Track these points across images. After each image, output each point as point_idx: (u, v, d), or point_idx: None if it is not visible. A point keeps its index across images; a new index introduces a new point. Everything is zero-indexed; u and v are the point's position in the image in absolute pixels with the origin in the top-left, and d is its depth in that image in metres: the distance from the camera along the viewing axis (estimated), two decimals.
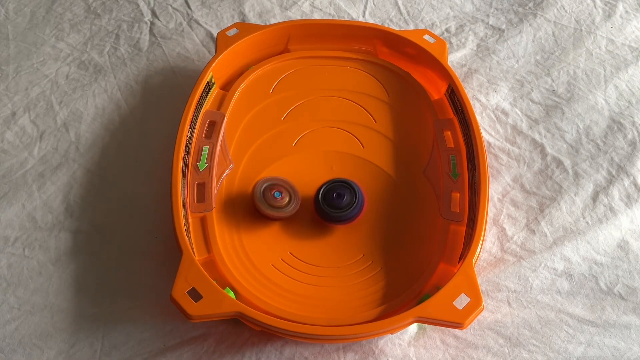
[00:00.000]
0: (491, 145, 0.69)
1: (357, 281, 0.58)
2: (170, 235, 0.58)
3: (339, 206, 0.59)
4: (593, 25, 0.80)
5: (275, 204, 0.60)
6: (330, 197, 0.60)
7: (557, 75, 0.75)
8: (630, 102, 0.73)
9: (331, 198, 0.60)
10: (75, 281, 0.60)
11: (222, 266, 0.58)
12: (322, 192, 0.60)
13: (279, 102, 0.68)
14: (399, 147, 0.66)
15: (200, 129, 0.65)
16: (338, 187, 0.60)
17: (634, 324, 0.58)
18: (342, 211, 0.59)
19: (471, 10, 0.82)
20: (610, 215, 0.64)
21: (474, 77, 0.75)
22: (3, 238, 0.63)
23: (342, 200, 0.59)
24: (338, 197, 0.60)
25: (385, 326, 0.53)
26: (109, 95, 0.73)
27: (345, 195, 0.60)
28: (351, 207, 0.59)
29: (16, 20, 0.80)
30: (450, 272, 0.57)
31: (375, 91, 0.69)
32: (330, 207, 0.59)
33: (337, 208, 0.59)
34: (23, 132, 0.70)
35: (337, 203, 0.59)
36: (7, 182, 0.66)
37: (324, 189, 0.60)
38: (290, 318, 0.54)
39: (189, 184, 0.62)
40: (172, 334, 0.57)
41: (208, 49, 0.77)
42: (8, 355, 0.56)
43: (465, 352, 0.57)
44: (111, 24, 0.80)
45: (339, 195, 0.60)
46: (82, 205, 0.65)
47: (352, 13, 0.81)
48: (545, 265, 0.61)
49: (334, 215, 0.59)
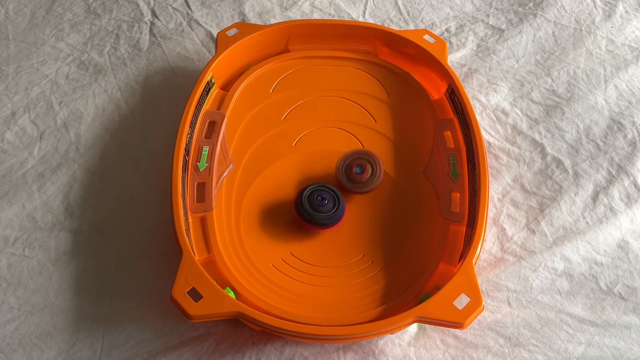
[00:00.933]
0: (491, 145, 0.69)
1: (357, 281, 0.58)
2: (170, 235, 0.58)
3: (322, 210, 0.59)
4: (593, 25, 0.80)
5: (361, 179, 0.61)
6: (314, 201, 0.59)
7: (557, 75, 0.75)
8: (630, 102, 0.73)
9: (314, 201, 0.59)
10: (75, 281, 0.60)
11: (222, 266, 0.58)
12: (305, 195, 0.60)
13: (279, 102, 0.68)
14: (399, 147, 0.66)
15: (200, 129, 0.65)
16: (321, 192, 0.60)
17: (634, 324, 0.58)
18: (325, 214, 0.59)
19: (471, 10, 0.82)
20: (610, 215, 0.64)
21: (474, 77, 0.75)
22: (3, 238, 0.63)
23: (325, 204, 0.59)
24: (322, 200, 0.59)
25: (385, 326, 0.52)
26: (109, 95, 0.73)
27: (328, 199, 0.60)
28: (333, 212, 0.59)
29: (16, 20, 0.80)
30: (450, 272, 0.57)
31: (375, 91, 0.69)
32: (313, 210, 0.59)
33: (320, 212, 0.59)
34: (23, 132, 0.70)
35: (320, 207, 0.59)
36: (7, 182, 0.66)
37: (306, 192, 0.60)
38: (290, 318, 0.54)
39: (189, 184, 0.62)
40: (172, 334, 0.57)
41: (208, 49, 0.77)
42: (8, 355, 0.56)
43: (465, 352, 0.57)
44: (111, 24, 0.80)
45: (322, 198, 0.60)
46: (82, 205, 0.65)
47: (352, 13, 0.81)
48: (545, 265, 0.61)
49: (316, 217, 0.59)
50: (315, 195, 0.60)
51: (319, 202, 0.59)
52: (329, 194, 0.60)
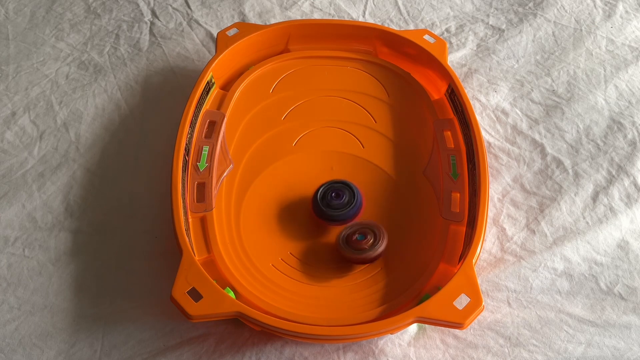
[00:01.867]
0: (491, 145, 0.69)
1: (357, 281, 0.58)
2: (170, 235, 0.58)
3: (337, 206, 0.59)
4: (593, 25, 0.80)
5: (361, 247, 0.58)
6: (329, 197, 0.60)
7: (557, 75, 0.75)
8: (630, 102, 0.73)
9: (329, 198, 0.60)
10: (75, 281, 0.60)
11: (222, 266, 0.58)
12: (320, 192, 0.60)
13: (279, 102, 0.68)
14: (399, 147, 0.66)
15: (200, 129, 0.65)
16: (337, 188, 0.60)
17: (634, 324, 0.58)
18: (340, 211, 0.59)
19: (471, 10, 0.82)
20: (610, 215, 0.64)
21: (474, 77, 0.75)
22: (3, 238, 0.63)
23: (340, 199, 0.59)
24: (337, 196, 0.60)
25: (385, 326, 0.52)
26: (109, 95, 0.73)
27: (344, 195, 0.60)
28: (349, 207, 0.59)
29: (16, 20, 0.80)
30: (450, 272, 0.57)
31: (375, 91, 0.69)
32: (329, 207, 0.59)
33: (335, 208, 0.59)
34: (23, 132, 0.70)
35: (335, 203, 0.59)
36: (7, 182, 0.66)
37: (322, 189, 0.60)
38: (290, 318, 0.54)
39: (189, 184, 0.62)
40: (172, 334, 0.57)
41: (208, 49, 0.77)
42: (8, 355, 0.56)
43: (465, 352, 0.57)
44: (111, 24, 0.80)
45: (338, 194, 0.60)
46: (82, 205, 0.65)
47: (352, 13, 0.81)
48: (545, 265, 0.61)
49: (332, 214, 0.59)
50: (330, 193, 0.60)
51: (333, 199, 0.60)
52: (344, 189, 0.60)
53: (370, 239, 0.58)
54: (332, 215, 0.59)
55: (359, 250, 0.58)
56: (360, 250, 0.58)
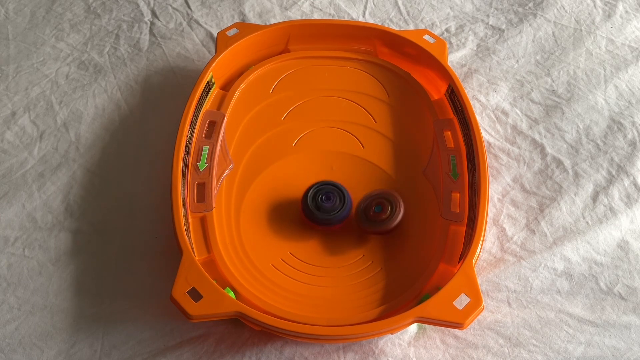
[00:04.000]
0: (491, 145, 0.69)
1: (357, 281, 0.58)
2: (170, 235, 0.58)
3: (328, 209, 0.59)
4: (593, 25, 0.80)
5: (380, 218, 0.59)
6: (319, 200, 0.60)
7: (557, 75, 0.75)
8: (630, 102, 0.73)
9: (320, 200, 0.59)
10: (75, 281, 0.60)
11: (222, 266, 0.58)
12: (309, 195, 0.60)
13: (279, 102, 0.68)
14: (399, 147, 0.66)
15: (200, 129, 0.65)
16: (327, 190, 0.60)
17: (634, 324, 0.58)
18: (331, 214, 0.59)
19: (471, 10, 0.82)
20: (610, 215, 0.64)
21: (474, 77, 0.75)
22: (3, 238, 0.63)
23: (330, 202, 0.59)
24: (327, 199, 0.59)
25: (385, 326, 0.53)
26: (109, 95, 0.73)
27: (334, 197, 0.60)
28: (339, 210, 0.59)
29: (16, 20, 0.80)
30: (450, 272, 0.57)
31: (375, 91, 0.69)
32: (318, 210, 0.59)
33: (325, 211, 0.59)
34: (23, 132, 0.70)
35: (326, 206, 0.59)
36: (7, 182, 0.66)
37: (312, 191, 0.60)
38: (290, 318, 0.54)
39: (189, 184, 0.62)
40: (172, 334, 0.57)
41: (208, 49, 0.77)
42: (8, 355, 0.56)
43: (465, 352, 0.57)
44: (111, 24, 0.80)
45: (328, 197, 0.60)
46: (82, 205, 0.65)
47: (352, 13, 0.81)
48: (545, 265, 0.61)
49: (324, 217, 0.59)
50: (320, 195, 0.60)
51: (325, 201, 0.59)
52: (335, 192, 0.60)
53: (388, 208, 0.59)
54: (323, 218, 0.59)
55: (379, 222, 0.59)
56: (379, 222, 0.59)
